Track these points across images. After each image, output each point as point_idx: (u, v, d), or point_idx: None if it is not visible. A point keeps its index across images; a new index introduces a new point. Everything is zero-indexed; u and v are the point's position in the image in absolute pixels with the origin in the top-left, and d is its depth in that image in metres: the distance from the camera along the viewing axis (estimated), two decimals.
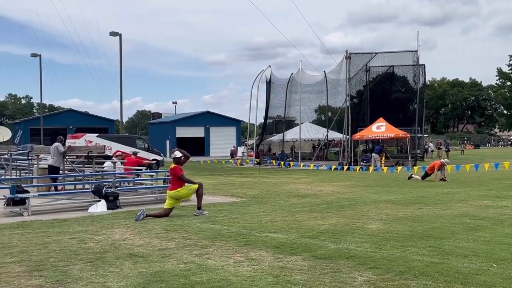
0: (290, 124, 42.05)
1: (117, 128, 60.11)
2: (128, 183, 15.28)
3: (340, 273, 5.57)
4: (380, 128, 30.07)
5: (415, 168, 23.64)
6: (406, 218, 9.72)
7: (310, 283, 5.18)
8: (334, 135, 38.13)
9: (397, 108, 35.73)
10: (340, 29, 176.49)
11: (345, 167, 27.25)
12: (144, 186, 15.01)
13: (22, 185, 11.94)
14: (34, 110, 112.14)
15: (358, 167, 26.82)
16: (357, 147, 34.58)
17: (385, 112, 31.98)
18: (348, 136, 31.73)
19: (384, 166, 27.01)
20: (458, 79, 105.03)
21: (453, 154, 43.55)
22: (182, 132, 58.71)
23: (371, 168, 26.15)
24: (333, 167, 27.85)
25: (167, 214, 10.12)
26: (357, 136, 31.07)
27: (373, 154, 29.14)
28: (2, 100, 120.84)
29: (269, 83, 39.89)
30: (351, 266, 5.89)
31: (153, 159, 30.58)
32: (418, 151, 35.34)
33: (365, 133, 30.87)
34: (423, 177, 19.12)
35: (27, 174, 19.10)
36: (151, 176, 17.68)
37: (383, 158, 29.03)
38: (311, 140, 41.18)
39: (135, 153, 19.70)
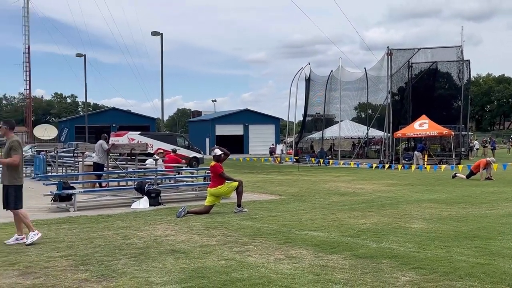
0: (329, 121, 41.71)
1: (158, 126, 61.27)
2: (169, 180, 15.52)
3: (382, 272, 5.48)
4: (422, 126, 29.43)
5: (460, 166, 23.03)
6: (451, 217, 9.48)
7: (352, 282, 5.12)
8: (375, 132, 37.59)
9: (441, 105, 34.89)
10: (381, 25, 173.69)
11: (386, 166, 26.82)
12: (185, 183, 15.21)
13: (68, 182, 12.32)
14: (79, 109, 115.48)
15: (400, 166, 26.34)
16: (399, 145, 33.97)
17: (428, 109, 31.28)
18: (389, 134, 31.21)
19: (427, 164, 26.43)
20: (504, 75, 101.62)
21: (499, 152, 42.19)
22: (222, 130, 59.22)
23: (413, 167, 25.63)
24: (374, 165, 27.47)
25: (207, 211, 10.22)
26: (398, 133, 30.51)
27: (416, 152, 28.59)
28: (48, 99, 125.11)
29: (308, 81, 39.69)
30: (393, 266, 5.78)
31: (193, 157, 30.99)
32: (463, 149, 34.39)
33: (407, 131, 30.28)
34: (468, 176, 18.63)
35: (72, 171, 19.70)
36: (192, 173, 17.91)
37: (426, 156, 28.42)
38: (351, 138, 40.73)
39: (174, 151, 20.00)
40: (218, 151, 10.71)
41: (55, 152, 20.73)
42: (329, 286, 4.99)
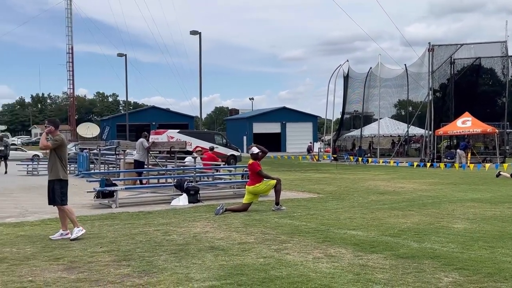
0: (368, 119, 41.20)
1: (197, 124, 61.91)
2: (208, 178, 15.66)
3: (424, 273, 5.37)
4: (465, 123, 28.67)
5: (504, 165, 22.33)
6: (495, 217, 9.19)
7: (393, 282, 5.03)
8: (415, 130, 36.88)
9: (484, 102, 33.94)
10: (422, 20, 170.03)
11: (428, 164, 26.26)
12: (223, 181, 15.31)
13: (110, 179, 12.60)
14: (120, 107, 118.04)
15: (442, 164, 25.74)
16: (440, 143, 33.22)
17: (471, 106, 30.48)
18: (430, 132, 30.56)
19: (470, 163, 25.74)
20: None
21: None
22: (259, 128, 59.34)
23: (456, 165, 25.00)
24: (415, 163, 26.94)
25: (245, 209, 10.26)
26: (440, 131, 29.82)
27: (458, 150, 27.90)
28: (91, 98, 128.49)
29: (346, 78, 39.32)
30: (436, 266, 5.66)
31: (231, 155, 31.18)
32: (507, 147, 33.31)
33: (449, 129, 29.57)
34: None
35: (114, 168, 20.14)
36: (230, 171, 18.02)
37: (469, 154, 27.67)
38: (391, 135, 40.12)
39: (212, 148, 20.16)
40: (255, 149, 10.73)
41: (98, 150, 21.24)
42: (369, 286, 4.92)
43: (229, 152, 31.31)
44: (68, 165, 12.35)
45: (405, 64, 36.82)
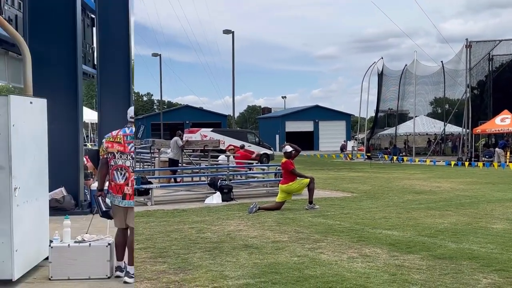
0: (402, 117, 40.53)
1: (229, 122, 62.23)
2: (241, 176, 15.74)
3: (462, 274, 5.26)
4: (504, 121, 27.85)
5: None
6: None
7: (430, 283, 4.95)
8: (452, 128, 36.10)
9: None
10: (459, 16, 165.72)
11: (466, 163, 25.67)
12: (256, 179, 15.35)
13: (146, 177, 12.81)
14: (155, 107, 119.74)
15: (480, 163, 25.11)
16: (478, 142, 32.42)
17: (510, 103, 29.56)
18: (468, 130, 29.86)
19: (510, 162, 25.01)
20: None
21: None
22: (292, 126, 59.15)
23: (495, 164, 24.34)
24: (453, 162, 26.37)
25: (279, 208, 10.26)
26: (478, 129, 29.08)
27: (497, 149, 27.16)
28: None
29: (381, 76, 38.77)
30: (474, 267, 5.53)
31: (264, 153, 31.18)
32: None
33: (488, 127, 28.80)
34: None
35: (149, 167, 20.46)
36: (263, 169, 18.04)
37: (508, 153, 26.90)
38: (427, 134, 39.39)
39: (242, 146, 20.19)
40: (289, 148, 10.72)
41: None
42: (406, 287, 4.86)
43: (261, 150, 31.32)
44: None
45: (441, 61, 36.13)
